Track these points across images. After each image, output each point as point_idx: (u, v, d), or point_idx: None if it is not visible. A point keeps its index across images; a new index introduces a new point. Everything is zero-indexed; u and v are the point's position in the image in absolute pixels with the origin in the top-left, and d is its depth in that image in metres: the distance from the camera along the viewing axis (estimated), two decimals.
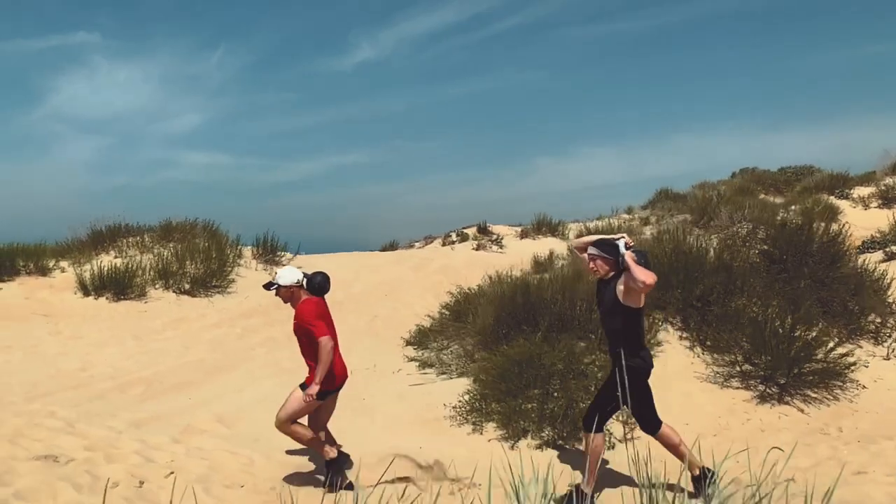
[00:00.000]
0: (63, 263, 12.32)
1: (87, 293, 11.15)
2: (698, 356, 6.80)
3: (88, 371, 7.64)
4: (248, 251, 14.00)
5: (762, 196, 20.71)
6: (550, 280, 7.24)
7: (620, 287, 4.23)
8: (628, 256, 4.15)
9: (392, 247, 21.49)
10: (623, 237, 4.32)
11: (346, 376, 4.98)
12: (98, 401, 6.67)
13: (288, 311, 11.61)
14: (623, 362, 3.98)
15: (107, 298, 11.05)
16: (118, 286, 11.11)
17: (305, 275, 4.88)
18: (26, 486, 4.36)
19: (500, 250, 18.61)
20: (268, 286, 4.90)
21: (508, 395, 5.96)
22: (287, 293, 4.84)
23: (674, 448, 4.36)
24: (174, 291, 11.49)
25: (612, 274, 4.35)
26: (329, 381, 4.71)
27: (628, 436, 5.39)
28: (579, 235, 16.31)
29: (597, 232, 15.68)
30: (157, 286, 11.54)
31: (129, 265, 11.59)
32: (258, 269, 13.28)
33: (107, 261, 12.25)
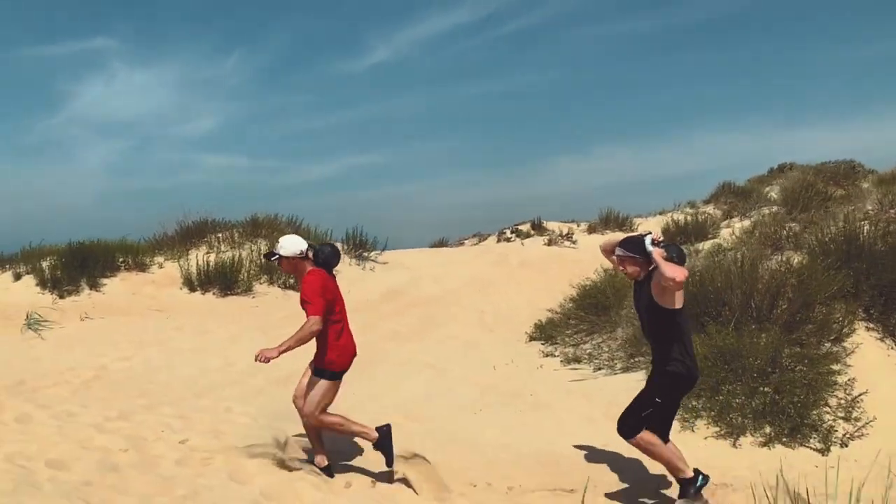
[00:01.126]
0: (158, 259, 12.21)
1: (192, 289, 11.03)
2: (892, 347, 6.43)
3: (235, 366, 7.45)
4: (337, 246, 13.82)
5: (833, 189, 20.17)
6: (722, 267, 6.89)
7: (654, 287, 3.95)
8: (656, 254, 3.86)
9: (442, 244, 21.17)
10: (650, 233, 4.03)
11: (354, 356, 4.63)
12: (261, 396, 6.47)
13: (396, 304, 11.53)
14: (663, 367, 3.94)
15: (213, 294, 10.91)
16: (224, 281, 10.96)
17: (312, 246, 4.50)
18: (268, 486, 4.14)
19: (572, 245, 18.25)
20: (269, 256, 4.49)
21: (710, 390, 5.66)
22: (290, 265, 4.42)
23: (652, 453, 4.13)
24: (279, 286, 11.31)
25: (644, 275, 4.08)
26: (345, 361, 4.47)
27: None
28: (665, 230, 15.91)
29: (684, 225, 15.28)
30: (261, 281, 11.37)
31: (235, 259, 11.42)
32: (351, 265, 13.06)
33: (200, 256, 12.12)
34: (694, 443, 5.26)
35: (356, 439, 4.86)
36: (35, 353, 7.76)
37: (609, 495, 4.52)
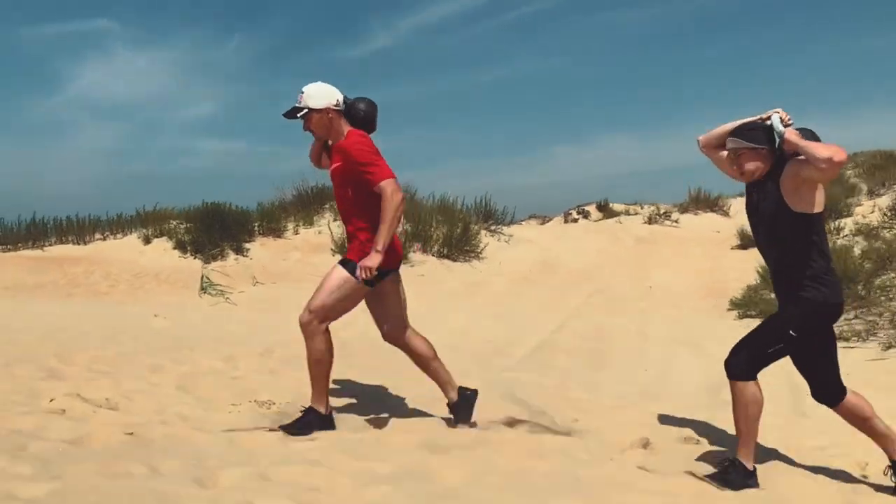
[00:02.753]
0: (290, 225, 11.52)
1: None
2: None
3: (472, 335, 6.80)
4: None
5: None
6: None
7: (787, 183, 2.91)
8: (791, 134, 2.85)
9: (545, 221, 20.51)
10: (777, 111, 2.98)
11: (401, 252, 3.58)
12: (549, 369, 5.78)
13: (559, 277, 10.91)
14: (796, 294, 2.96)
15: None
16: None
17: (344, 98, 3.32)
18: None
19: (674, 224, 17.68)
20: (292, 113, 3.25)
21: None
22: (323, 122, 3.24)
23: (863, 423, 3.15)
24: (434, 255, 10.64)
25: (766, 171, 3.02)
26: (391, 255, 3.20)
27: None
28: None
29: None
30: (413, 249, 10.69)
31: None
32: (486, 235, 12.40)
33: (329, 223, 11.45)
34: None
35: None
36: (245, 318, 7.08)
37: None
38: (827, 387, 3.12)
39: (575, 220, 20.06)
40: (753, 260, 10.99)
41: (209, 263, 9.77)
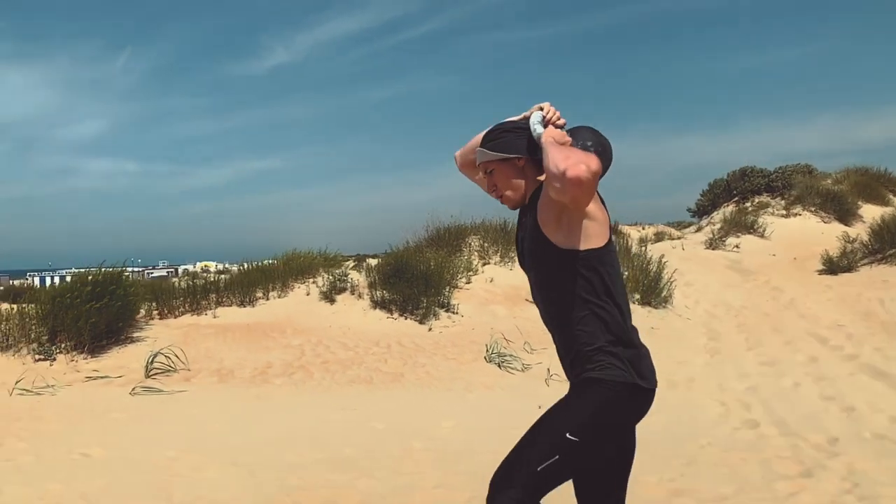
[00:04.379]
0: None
1: None
2: None
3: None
4: None
5: None
6: None
7: (544, 209, 1.92)
8: (547, 137, 1.85)
9: None
10: (542, 107, 2.00)
11: None
12: None
13: (753, 315, 10.63)
14: (580, 373, 1.89)
15: None
16: None
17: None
18: None
19: (735, 250, 18.02)
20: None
21: None
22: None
23: None
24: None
25: (532, 191, 2.02)
26: None
27: None
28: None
29: None
30: None
31: None
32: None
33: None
34: None
35: None
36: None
37: None
38: (513, 484, 1.85)
39: None
40: (859, 284, 11.37)
41: (425, 323, 8.64)
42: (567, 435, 1.82)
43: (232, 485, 3.90)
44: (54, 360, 7.29)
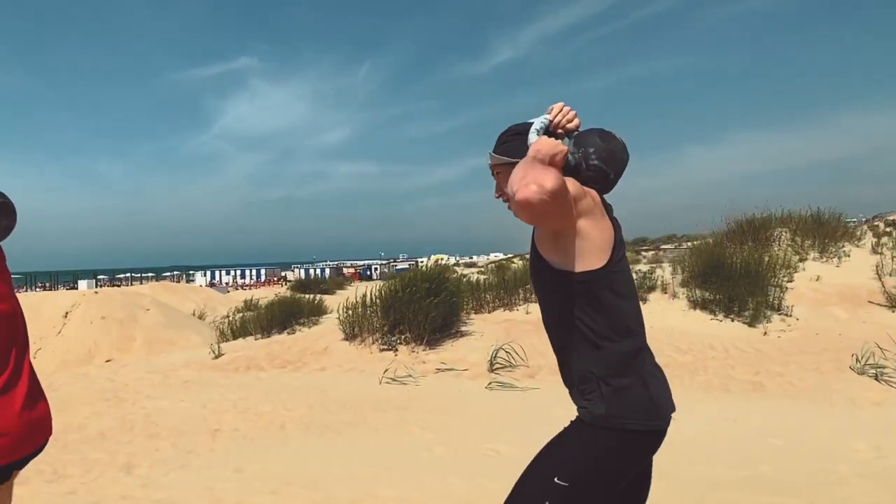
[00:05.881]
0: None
1: None
2: None
3: None
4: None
5: None
6: None
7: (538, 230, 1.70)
8: (532, 151, 1.62)
9: None
10: (555, 107, 1.73)
11: None
12: None
13: None
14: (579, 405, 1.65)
15: None
16: None
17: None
18: None
19: None
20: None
21: None
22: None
23: None
24: None
25: None
26: None
27: None
28: None
29: None
30: None
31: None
32: None
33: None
34: None
35: None
36: None
37: None
38: None
39: (888, 233, 17.02)
40: None
41: (756, 326, 7.82)
42: (556, 479, 1.64)
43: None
44: (397, 350, 7.86)
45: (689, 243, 10.61)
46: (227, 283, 61.99)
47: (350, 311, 8.40)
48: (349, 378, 7.06)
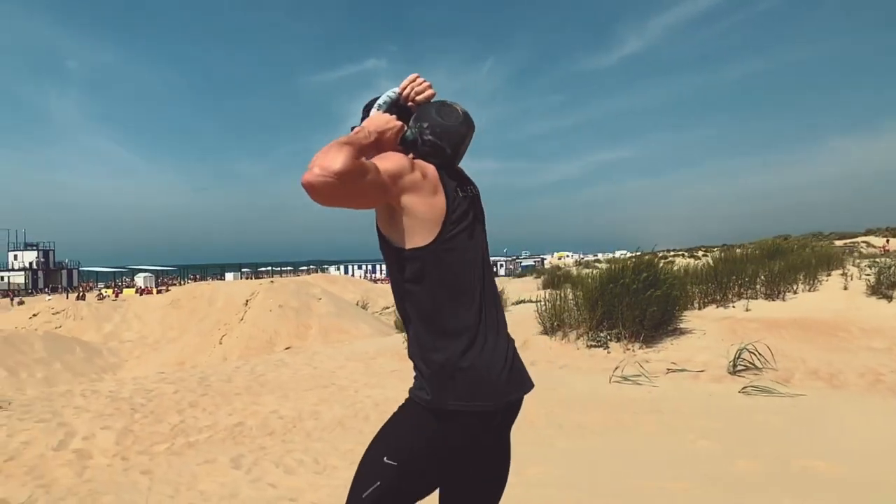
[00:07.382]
0: None
1: None
2: None
3: None
4: None
5: None
6: None
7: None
8: (366, 122, 1.67)
9: None
10: (410, 79, 1.76)
11: None
12: None
13: None
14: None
15: None
16: None
17: None
18: None
19: None
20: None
21: None
22: None
23: None
24: None
25: None
26: None
27: None
28: None
29: None
30: None
31: None
32: None
33: None
34: None
35: None
36: None
37: None
38: None
39: None
40: None
41: None
42: (385, 459, 1.61)
43: None
44: (608, 348, 7.29)
45: None
46: (359, 278, 64.15)
47: (550, 304, 7.93)
48: (567, 375, 6.59)
